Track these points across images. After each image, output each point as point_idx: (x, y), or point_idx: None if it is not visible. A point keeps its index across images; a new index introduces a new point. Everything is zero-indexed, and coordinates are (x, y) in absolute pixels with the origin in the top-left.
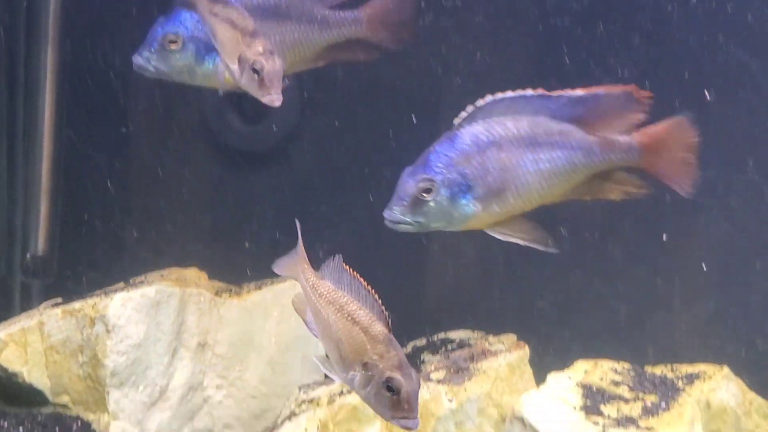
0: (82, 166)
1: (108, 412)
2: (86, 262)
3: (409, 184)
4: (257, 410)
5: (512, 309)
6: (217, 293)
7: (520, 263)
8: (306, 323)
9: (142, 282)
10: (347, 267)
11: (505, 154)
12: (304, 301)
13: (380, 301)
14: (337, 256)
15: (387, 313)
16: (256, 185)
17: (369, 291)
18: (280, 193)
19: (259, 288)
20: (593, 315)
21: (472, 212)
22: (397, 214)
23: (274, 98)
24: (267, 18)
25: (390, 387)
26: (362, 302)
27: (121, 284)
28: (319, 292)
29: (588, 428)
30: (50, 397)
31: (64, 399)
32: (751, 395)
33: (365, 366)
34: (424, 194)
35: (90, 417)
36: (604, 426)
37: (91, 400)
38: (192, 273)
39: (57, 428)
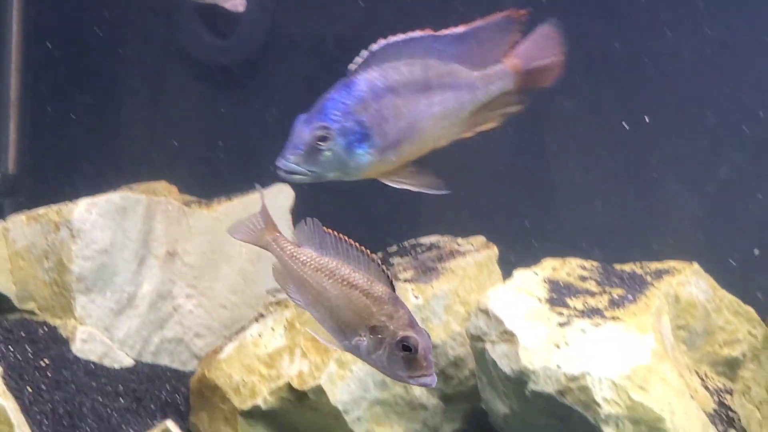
0: (52, 85)
1: (75, 318)
2: (58, 181)
3: (304, 132)
4: (228, 320)
5: (482, 213)
6: (185, 204)
7: (493, 169)
8: (288, 295)
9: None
10: (328, 229)
11: (401, 101)
12: (282, 271)
13: (378, 260)
14: (311, 219)
15: (387, 272)
16: (227, 100)
17: (362, 251)
18: (252, 110)
19: (230, 199)
20: (565, 219)
21: (368, 161)
22: (291, 163)
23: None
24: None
25: (406, 346)
26: (355, 264)
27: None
28: (301, 260)
29: (552, 318)
30: (17, 303)
31: (31, 305)
32: (722, 292)
33: (373, 329)
34: (320, 143)
35: (57, 322)
36: (568, 316)
37: (57, 305)
38: (161, 186)
39: (23, 333)
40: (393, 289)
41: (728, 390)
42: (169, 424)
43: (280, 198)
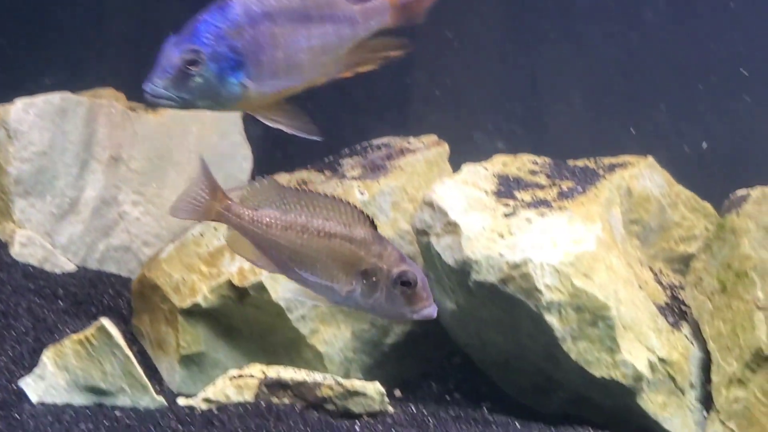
0: None
1: (13, 221)
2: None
3: (173, 54)
4: (178, 228)
5: (437, 113)
6: (131, 109)
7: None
8: (255, 263)
9: None
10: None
11: (278, 29)
12: (242, 240)
13: (351, 203)
14: (264, 177)
15: (365, 213)
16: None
17: (331, 197)
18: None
19: None
20: (520, 116)
21: (241, 92)
22: (158, 87)
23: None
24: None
25: (404, 281)
26: (325, 213)
27: None
28: (264, 223)
29: (498, 209)
30: None
31: None
32: (679, 188)
33: (365, 274)
34: (190, 67)
35: None
36: (515, 207)
37: None
38: (108, 92)
39: None
40: (374, 228)
41: (683, 286)
42: (105, 321)
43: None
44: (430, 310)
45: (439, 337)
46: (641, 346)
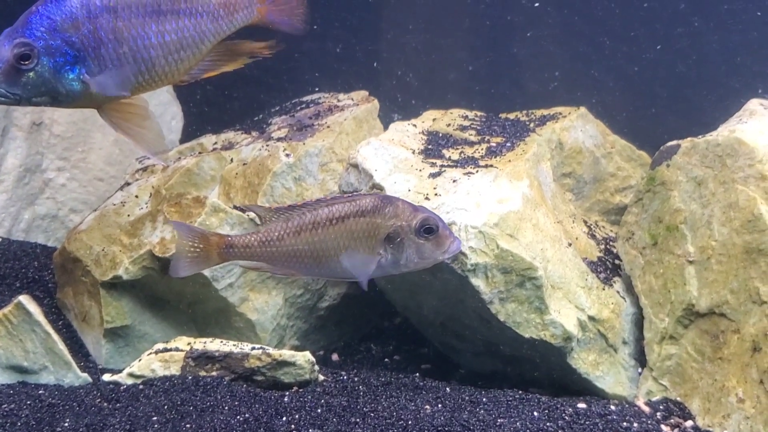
0: None
1: None
2: None
3: (3, 48)
4: (105, 193)
5: (367, 70)
6: None
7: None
8: (272, 272)
9: None
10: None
11: (123, 23)
12: (259, 265)
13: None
14: (264, 208)
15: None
16: None
17: (325, 198)
18: None
19: None
20: (453, 72)
21: (82, 89)
22: None
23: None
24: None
25: (427, 229)
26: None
27: None
28: (275, 238)
29: (424, 170)
30: None
31: None
32: (614, 138)
33: (389, 238)
34: (22, 62)
35: None
36: (441, 167)
37: None
38: None
39: None
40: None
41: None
42: (23, 299)
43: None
44: (457, 244)
45: (377, 298)
46: (570, 305)
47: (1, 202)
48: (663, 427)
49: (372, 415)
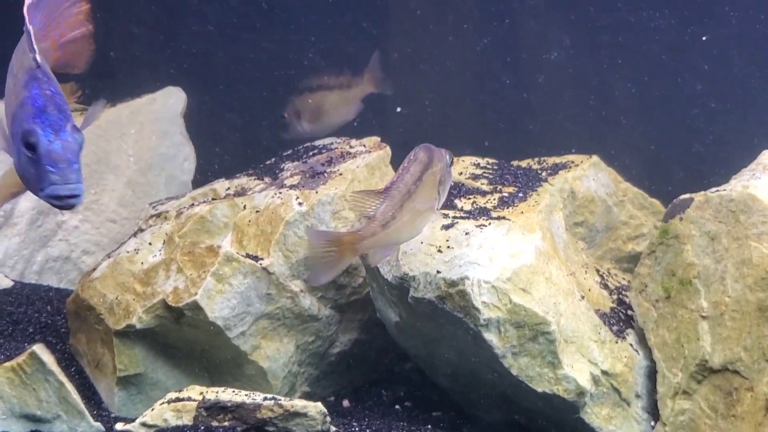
0: None
1: None
2: None
3: (74, 137)
4: (118, 235)
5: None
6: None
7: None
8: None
9: None
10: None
11: None
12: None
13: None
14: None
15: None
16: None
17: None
18: (145, 8)
19: (114, 106)
20: (463, 117)
21: None
22: None
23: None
24: None
25: (451, 162)
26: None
27: None
28: (390, 217)
29: (437, 221)
30: None
31: None
32: (626, 185)
33: (441, 182)
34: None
35: None
36: (453, 218)
37: None
38: None
39: None
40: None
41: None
42: (37, 348)
43: (171, 101)
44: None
45: (387, 343)
46: (583, 360)
47: (14, 245)
48: None
49: None
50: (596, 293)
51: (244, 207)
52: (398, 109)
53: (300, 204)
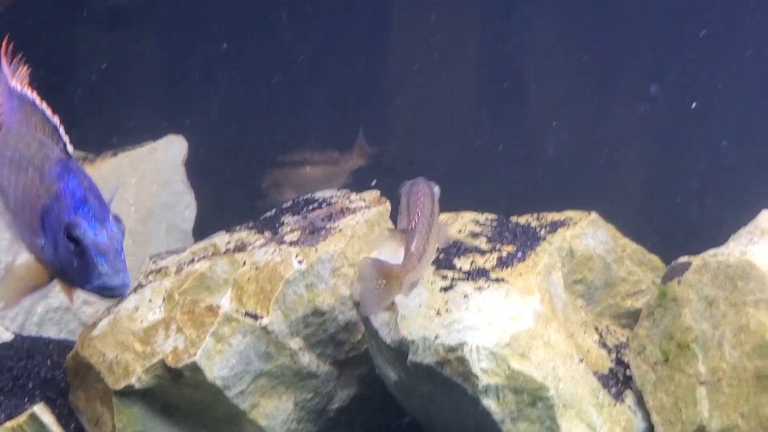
0: None
1: None
2: None
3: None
4: None
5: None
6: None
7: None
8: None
9: None
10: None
11: None
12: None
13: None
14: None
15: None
16: (123, 46)
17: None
18: (148, 56)
19: (115, 155)
20: (466, 171)
21: None
22: None
23: None
24: None
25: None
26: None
27: None
28: (422, 250)
29: (436, 282)
30: None
31: None
32: (624, 241)
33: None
34: None
35: None
36: (452, 279)
37: None
38: None
39: None
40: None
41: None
42: (37, 409)
43: (172, 150)
44: None
45: (386, 398)
46: (582, 424)
47: None
48: None
49: None
50: (595, 354)
51: (244, 263)
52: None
53: (300, 262)
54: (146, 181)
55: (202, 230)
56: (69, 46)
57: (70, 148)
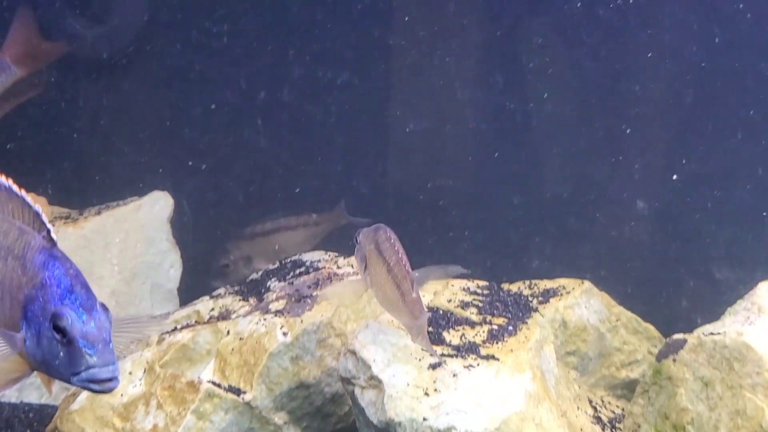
0: None
1: None
2: None
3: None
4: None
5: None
6: (50, 222)
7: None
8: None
9: None
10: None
11: None
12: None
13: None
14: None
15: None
16: (105, 97)
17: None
18: (135, 108)
19: (99, 213)
20: (452, 236)
21: None
22: None
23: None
24: None
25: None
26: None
27: None
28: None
29: (424, 360)
30: None
31: None
32: (618, 309)
33: None
34: None
35: None
36: (441, 356)
37: None
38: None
39: None
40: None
41: (625, 415)
42: None
43: (157, 207)
44: None
45: None
46: None
47: None
48: None
49: None
50: (589, 430)
51: (228, 332)
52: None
53: (284, 334)
54: (130, 240)
55: (187, 288)
56: (52, 97)
57: (54, 235)
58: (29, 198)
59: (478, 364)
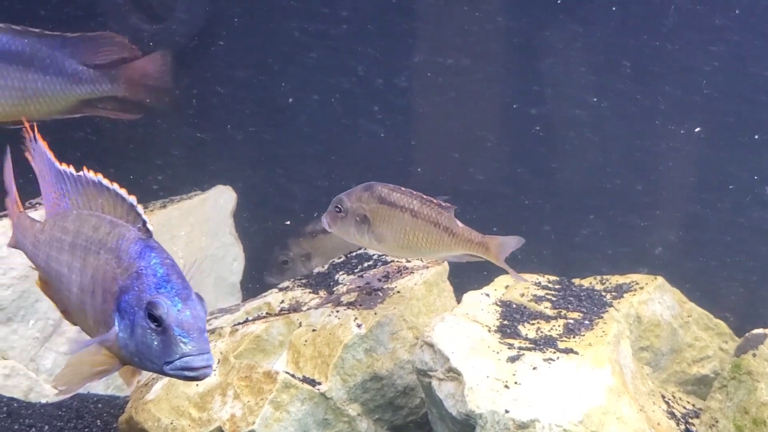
0: None
1: None
2: None
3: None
4: None
5: None
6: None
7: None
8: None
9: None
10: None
11: None
12: None
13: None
14: None
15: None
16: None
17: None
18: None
19: (164, 207)
20: (523, 228)
21: None
22: None
23: None
24: (6, 63)
25: None
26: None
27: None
28: None
29: (502, 352)
30: None
31: None
32: (690, 306)
33: None
34: None
35: None
36: (519, 349)
37: None
38: None
39: None
40: None
41: (697, 412)
42: None
43: (221, 201)
44: None
45: None
46: None
47: (62, 353)
48: None
49: None
50: (665, 427)
51: (300, 324)
52: None
53: (359, 326)
54: (195, 233)
55: (250, 281)
56: None
57: (150, 226)
58: (123, 191)
59: (557, 358)
